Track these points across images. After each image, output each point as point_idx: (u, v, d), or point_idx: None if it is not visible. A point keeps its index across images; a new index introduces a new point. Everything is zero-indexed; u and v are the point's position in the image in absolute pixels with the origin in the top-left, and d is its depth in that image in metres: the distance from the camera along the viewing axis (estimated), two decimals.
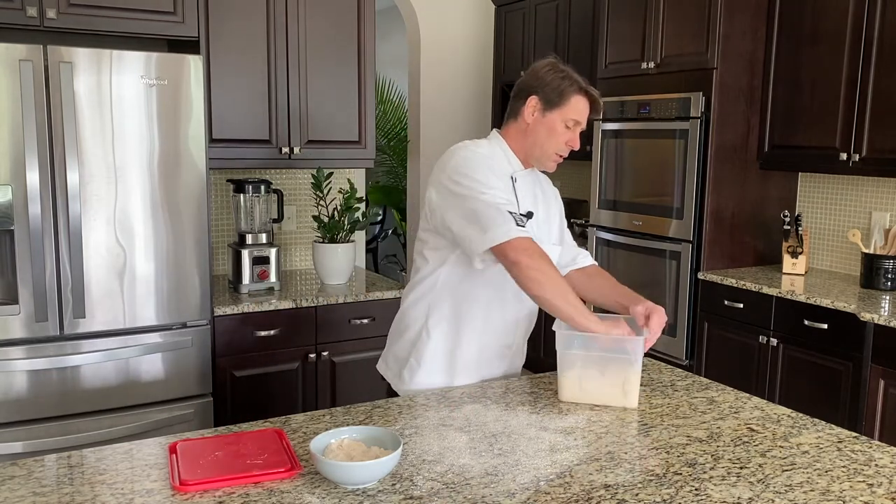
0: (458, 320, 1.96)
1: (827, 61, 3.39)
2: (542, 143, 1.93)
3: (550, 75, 1.91)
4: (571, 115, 1.89)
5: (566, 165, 5.42)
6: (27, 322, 2.50)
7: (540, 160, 1.97)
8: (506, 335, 2.02)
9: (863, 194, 3.64)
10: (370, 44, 3.37)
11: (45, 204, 2.48)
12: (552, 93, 1.90)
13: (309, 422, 1.66)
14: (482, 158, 1.88)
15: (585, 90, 1.91)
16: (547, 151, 1.94)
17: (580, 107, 1.90)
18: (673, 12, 3.78)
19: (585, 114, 1.92)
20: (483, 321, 1.97)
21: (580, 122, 1.91)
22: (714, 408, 1.78)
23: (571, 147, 1.94)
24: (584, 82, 1.92)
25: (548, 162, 1.97)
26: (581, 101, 1.90)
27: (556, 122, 1.90)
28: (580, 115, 1.91)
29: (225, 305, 2.90)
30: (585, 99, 1.91)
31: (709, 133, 3.61)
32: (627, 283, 4.25)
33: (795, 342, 3.24)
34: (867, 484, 1.39)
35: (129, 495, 1.30)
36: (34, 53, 2.42)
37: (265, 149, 3.21)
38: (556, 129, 1.91)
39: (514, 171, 1.97)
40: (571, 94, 1.89)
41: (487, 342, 1.99)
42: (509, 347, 2.04)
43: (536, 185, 2.06)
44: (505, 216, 1.75)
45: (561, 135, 1.91)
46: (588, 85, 1.93)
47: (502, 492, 1.33)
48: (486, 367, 2.01)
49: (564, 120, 1.90)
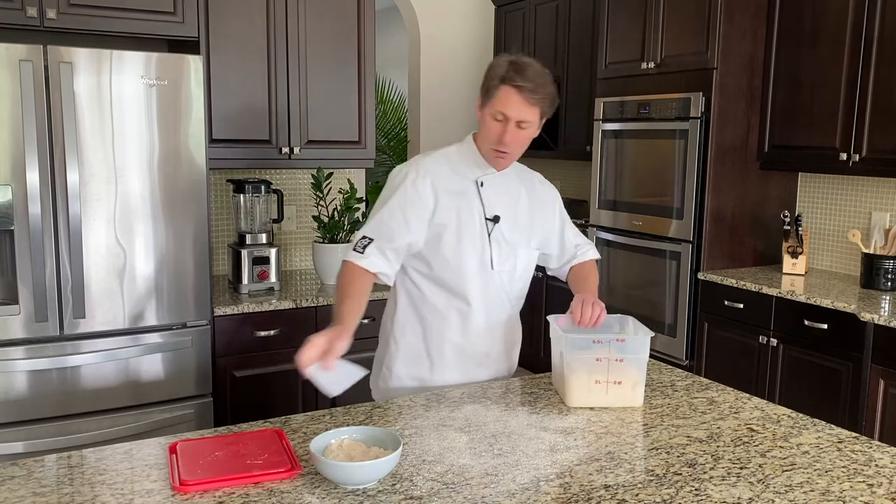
0: (424, 329, 1.97)
1: (827, 61, 3.39)
2: (483, 140, 1.90)
3: (488, 69, 1.86)
4: (497, 108, 1.81)
5: (566, 165, 5.44)
6: (27, 322, 2.50)
7: (488, 158, 1.91)
8: (480, 343, 1.99)
9: (863, 194, 3.64)
10: (370, 44, 3.37)
11: (45, 204, 2.48)
12: (484, 88, 1.86)
13: (309, 422, 1.66)
14: (401, 184, 1.90)
15: (508, 78, 1.79)
16: (486, 149, 1.89)
17: (503, 97, 1.80)
18: (673, 12, 3.78)
19: (511, 104, 1.79)
20: (451, 330, 1.96)
21: (506, 113, 1.80)
22: (714, 408, 1.78)
23: (502, 141, 1.83)
24: (512, 71, 1.79)
25: (492, 160, 1.91)
26: (505, 91, 1.80)
27: (486, 117, 1.85)
28: (504, 107, 1.80)
29: (225, 305, 2.90)
30: (511, 87, 1.79)
31: (709, 133, 3.60)
32: (627, 283, 4.23)
33: (795, 342, 3.24)
34: (867, 484, 1.39)
35: (129, 495, 1.30)
36: (34, 53, 2.42)
37: (265, 149, 3.21)
38: (486, 124, 1.86)
39: (481, 175, 1.94)
40: (496, 87, 1.81)
41: (459, 350, 1.98)
42: (487, 355, 2.01)
43: (520, 186, 2.01)
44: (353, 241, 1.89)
45: (492, 129, 1.84)
46: (516, 73, 1.79)
47: (502, 492, 1.33)
48: (464, 375, 1.99)
49: (493, 114, 1.83)
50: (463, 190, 1.93)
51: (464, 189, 1.93)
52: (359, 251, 1.85)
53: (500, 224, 1.94)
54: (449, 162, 1.95)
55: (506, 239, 1.95)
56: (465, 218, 1.91)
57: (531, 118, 1.82)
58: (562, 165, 5.52)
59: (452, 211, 1.90)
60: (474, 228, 1.92)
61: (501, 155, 1.87)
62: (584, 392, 1.76)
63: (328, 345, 1.60)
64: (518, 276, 2.01)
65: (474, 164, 1.95)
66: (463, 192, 1.92)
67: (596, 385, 1.75)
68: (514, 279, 2.00)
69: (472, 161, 1.95)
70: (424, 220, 1.89)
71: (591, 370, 1.75)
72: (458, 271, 1.92)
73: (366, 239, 1.86)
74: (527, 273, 2.05)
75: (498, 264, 1.95)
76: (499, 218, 1.94)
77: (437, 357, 1.97)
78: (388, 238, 1.86)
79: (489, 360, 2.02)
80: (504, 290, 1.99)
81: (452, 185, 1.92)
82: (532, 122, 1.83)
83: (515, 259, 1.98)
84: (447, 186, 1.91)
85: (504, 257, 1.96)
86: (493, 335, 2.01)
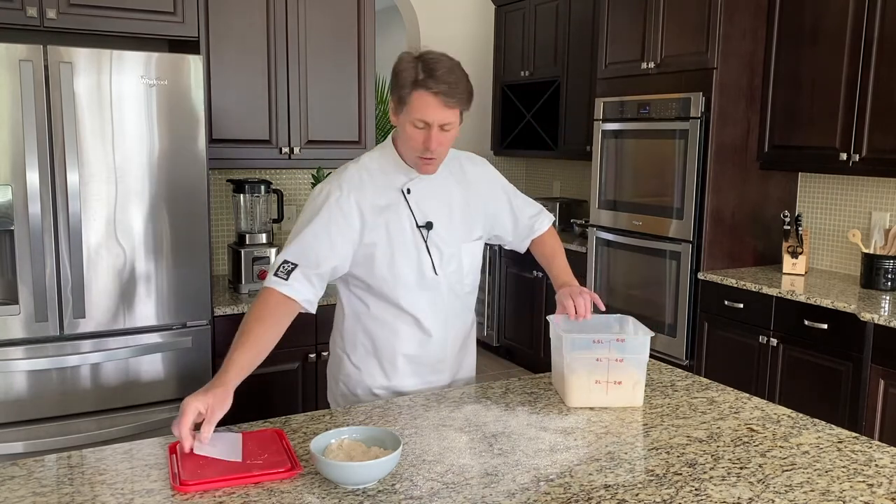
0: (373, 342, 1.91)
1: (827, 61, 3.38)
2: (405, 147, 1.79)
3: (396, 72, 1.72)
4: (415, 115, 1.69)
5: (566, 165, 5.44)
6: (27, 322, 2.50)
7: (414, 164, 1.80)
8: (434, 351, 1.93)
9: (863, 194, 3.64)
10: (370, 44, 3.37)
11: (45, 204, 2.48)
12: (396, 92, 1.72)
13: (309, 422, 1.66)
14: (324, 203, 1.78)
15: (421, 83, 1.67)
16: (411, 156, 1.78)
17: (420, 104, 1.68)
18: (673, 12, 3.78)
19: (430, 109, 1.68)
20: (402, 341, 1.89)
21: (426, 120, 1.69)
22: (714, 408, 1.78)
23: (428, 148, 1.72)
24: (423, 73, 1.67)
25: (419, 167, 1.80)
26: (420, 96, 1.67)
27: (405, 125, 1.73)
28: (423, 113, 1.68)
29: (225, 305, 2.90)
30: (426, 92, 1.67)
31: (709, 133, 3.60)
32: (627, 283, 4.23)
33: (795, 342, 3.24)
34: (867, 484, 1.39)
35: (129, 495, 1.30)
36: (34, 53, 2.42)
37: (265, 149, 3.21)
38: (407, 132, 1.73)
39: (406, 181, 1.83)
40: (409, 92, 1.68)
41: (412, 359, 1.91)
42: (442, 361, 1.95)
43: (448, 179, 1.90)
44: (273, 266, 1.74)
45: (414, 137, 1.72)
46: (427, 75, 1.66)
47: (502, 492, 1.33)
48: (421, 381, 1.93)
49: (411, 121, 1.71)
50: (390, 203, 1.82)
51: (390, 201, 1.82)
52: (282, 277, 1.71)
53: (435, 229, 1.85)
54: (371, 174, 1.83)
55: (444, 241, 1.87)
56: (395, 232, 1.82)
57: (452, 119, 1.72)
58: (562, 165, 5.52)
59: (381, 228, 1.81)
60: (406, 240, 1.83)
61: (429, 161, 1.77)
62: (584, 392, 1.76)
63: (206, 412, 1.46)
64: (466, 271, 1.94)
65: (398, 171, 1.84)
66: (390, 205, 1.82)
67: (596, 385, 1.75)
68: (463, 276, 1.94)
69: (394, 168, 1.84)
70: (351, 241, 1.79)
71: (592, 370, 1.75)
72: (397, 287, 1.84)
73: (288, 264, 1.73)
74: (475, 264, 1.97)
75: (440, 268, 1.87)
76: (432, 224, 1.85)
77: (390, 368, 1.91)
78: (313, 263, 1.74)
79: (444, 366, 1.97)
80: (452, 291, 1.92)
81: (378, 200, 1.81)
82: (454, 122, 1.73)
83: (460, 257, 1.91)
84: (373, 202, 1.80)
85: (446, 260, 1.88)
86: (447, 338, 1.95)
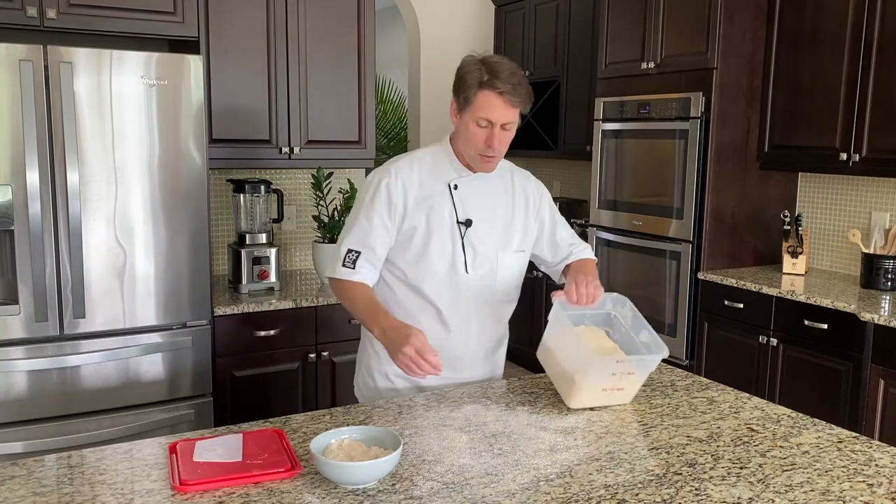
0: None
1: (827, 62, 3.38)
2: (466, 145, 1.88)
3: (461, 74, 1.84)
4: (479, 114, 1.81)
5: (566, 165, 5.44)
6: (27, 322, 2.50)
7: (474, 162, 1.90)
8: (453, 347, 1.94)
9: (863, 194, 3.64)
10: (370, 43, 3.37)
11: (45, 204, 2.48)
12: (461, 93, 1.84)
13: (309, 422, 1.66)
14: (375, 188, 1.90)
15: (487, 83, 1.78)
16: (471, 154, 1.88)
17: (485, 103, 1.79)
18: (673, 12, 3.78)
19: (494, 109, 1.79)
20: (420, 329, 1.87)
21: (490, 119, 1.80)
22: (714, 408, 1.78)
23: (490, 146, 1.83)
24: (488, 75, 1.79)
25: (479, 164, 1.90)
26: (485, 96, 1.79)
27: (469, 123, 1.84)
28: (487, 112, 1.80)
29: (225, 305, 2.90)
30: (491, 92, 1.78)
31: (709, 133, 3.60)
32: (627, 283, 4.22)
33: (795, 342, 3.24)
34: (867, 484, 1.39)
35: (129, 495, 1.30)
36: (34, 53, 2.42)
37: (265, 149, 3.21)
38: (470, 130, 1.84)
39: (456, 178, 1.92)
40: (475, 92, 1.80)
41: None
42: (460, 360, 1.96)
43: (499, 186, 1.98)
44: (338, 256, 1.90)
45: (476, 135, 1.83)
46: (493, 76, 1.78)
47: (502, 492, 1.33)
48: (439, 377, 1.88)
49: (475, 120, 1.82)
50: (436, 194, 1.90)
51: (437, 193, 1.90)
52: (349, 266, 1.87)
53: (474, 227, 1.91)
54: (421, 166, 1.93)
55: (481, 242, 1.92)
56: (435, 222, 1.89)
57: (514, 119, 1.82)
58: (562, 165, 5.52)
59: (422, 215, 1.88)
60: (444, 232, 1.89)
61: (489, 159, 1.87)
62: (588, 397, 1.75)
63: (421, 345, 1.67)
64: (501, 279, 1.97)
65: (449, 167, 1.93)
66: (435, 196, 1.90)
67: (602, 392, 1.75)
68: (496, 282, 1.96)
69: (446, 164, 1.93)
70: (397, 222, 1.89)
71: (604, 381, 1.73)
72: (425, 276, 1.90)
73: (353, 252, 1.87)
74: (512, 275, 2.00)
75: (472, 268, 1.91)
76: (471, 221, 1.91)
77: None
78: (372, 248, 1.88)
79: (462, 365, 1.97)
80: (482, 294, 1.95)
81: (423, 190, 1.90)
82: (515, 121, 1.83)
83: (495, 262, 1.95)
84: (418, 191, 1.89)
85: (480, 261, 1.92)
86: (468, 340, 1.97)
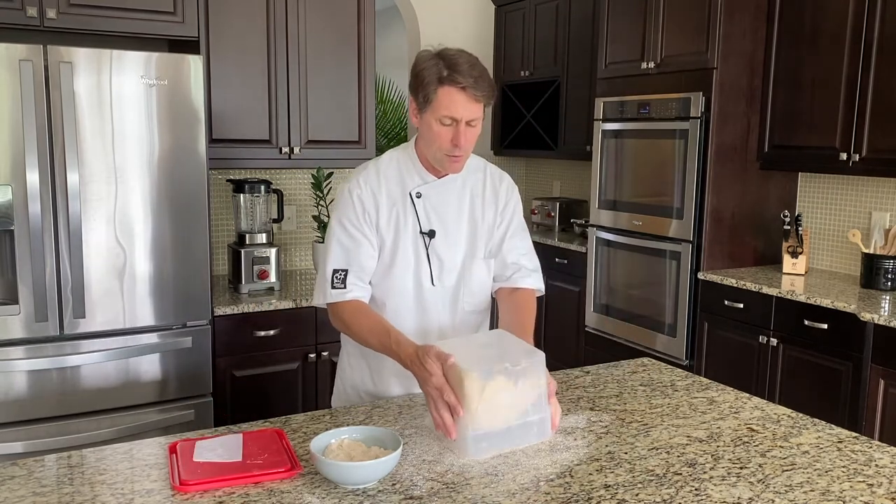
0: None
1: (827, 61, 3.38)
2: (430, 147, 1.75)
3: (417, 71, 1.70)
4: (442, 112, 1.67)
5: (566, 165, 5.43)
6: (27, 322, 2.50)
7: (440, 164, 1.78)
8: None
9: (863, 194, 3.64)
10: (370, 43, 3.37)
11: (45, 204, 2.48)
12: (420, 92, 1.70)
13: (309, 422, 1.66)
14: (346, 201, 1.81)
15: (447, 78, 1.65)
16: (437, 155, 1.75)
17: (447, 100, 1.66)
18: (673, 12, 3.78)
19: (457, 105, 1.66)
20: None
21: (454, 116, 1.67)
22: (714, 408, 1.78)
23: (457, 145, 1.70)
24: (447, 69, 1.65)
25: (445, 165, 1.77)
26: (446, 92, 1.65)
27: (431, 123, 1.70)
28: (450, 110, 1.66)
29: (225, 305, 2.90)
30: (452, 88, 1.65)
31: (709, 133, 3.60)
32: (627, 283, 4.21)
33: (795, 342, 3.24)
34: (867, 484, 1.39)
35: (129, 495, 1.30)
36: (34, 53, 2.42)
37: (265, 149, 3.21)
38: (433, 130, 1.71)
39: (420, 184, 1.83)
40: (435, 89, 1.66)
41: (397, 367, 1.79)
42: None
43: (465, 191, 1.88)
44: (324, 279, 1.79)
45: (441, 135, 1.70)
46: (452, 70, 1.64)
47: (502, 492, 1.33)
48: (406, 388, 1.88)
49: (438, 118, 1.69)
50: (399, 204, 1.82)
51: (400, 203, 1.82)
52: (339, 287, 1.77)
53: (438, 238, 1.83)
54: (388, 173, 1.84)
55: (447, 252, 1.85)
56: (401, 233, 1.82)
57: (479, 114, 1.70)
58: (562, 165, 5.52)
59: (391, 227, 1.82)
60: (408, 246, 1.82)
61: (456, 159, 1.75)
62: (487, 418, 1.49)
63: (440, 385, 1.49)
64: (469, 289, 1.89)
65: (413, 173, 1.83)
66: (399, 207, 1.82)
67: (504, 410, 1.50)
68: (464, 293, 1.88)
69: (411, 170, 1.84)
70: (374, 230, 1.82)
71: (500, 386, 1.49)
72: (389, 291, 1.84)
73: (340, 272, 1.78)
74: (482, 284, 1.91)
75: (439, 280, 1.85)
76: (434, 233, 1.83)
77: (376, 374, 1.90)
78: (358, 264, 1.79)
79: None
80: (449, 307, 1.88)
81: (390, 199, 1.82)
82: (480, 117, 1.71)
83: (462, 272, 1.87)
84: (386, 200, 1.82)
85: (447, 272, 1.85)
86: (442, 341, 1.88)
